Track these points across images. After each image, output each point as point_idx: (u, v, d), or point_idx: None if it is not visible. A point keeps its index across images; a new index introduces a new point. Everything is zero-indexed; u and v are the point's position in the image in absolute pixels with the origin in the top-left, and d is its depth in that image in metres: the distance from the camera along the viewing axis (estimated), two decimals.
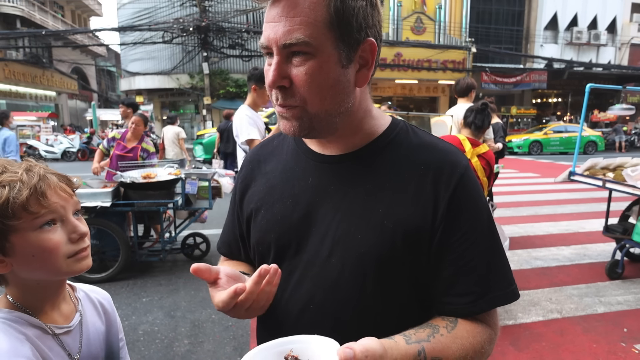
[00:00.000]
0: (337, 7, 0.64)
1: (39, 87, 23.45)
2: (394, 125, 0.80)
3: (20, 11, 21.44)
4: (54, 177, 0.77)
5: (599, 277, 3.89)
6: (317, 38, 0.64)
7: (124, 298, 3.51)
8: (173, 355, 2.70)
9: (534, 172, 11.30)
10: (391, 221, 0.70)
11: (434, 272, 0.72)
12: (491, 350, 0.73)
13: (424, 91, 21.94)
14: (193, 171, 4.23)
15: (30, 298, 0.77)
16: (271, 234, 0.79)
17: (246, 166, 0.91)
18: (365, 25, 0.68)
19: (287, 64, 0.67)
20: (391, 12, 19.62)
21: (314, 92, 0.67)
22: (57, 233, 0.74)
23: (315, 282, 0.74)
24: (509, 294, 0.73)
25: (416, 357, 0.64)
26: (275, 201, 0.80)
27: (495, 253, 0.74)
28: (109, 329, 0.92)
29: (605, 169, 4.38)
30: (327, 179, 0.76)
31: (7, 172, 0.73)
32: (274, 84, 0.67)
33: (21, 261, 0.73)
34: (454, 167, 0.73)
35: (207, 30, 18.12)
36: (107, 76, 41.35)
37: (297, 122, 0.70)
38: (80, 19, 31.85)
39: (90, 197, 3.69)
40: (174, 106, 24.48)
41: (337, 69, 0.67)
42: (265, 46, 0.68)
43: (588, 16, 23.39)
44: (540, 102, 26.13)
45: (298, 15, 0.64)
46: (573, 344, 2.79)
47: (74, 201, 0.79)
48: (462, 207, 0.71)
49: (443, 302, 0.73)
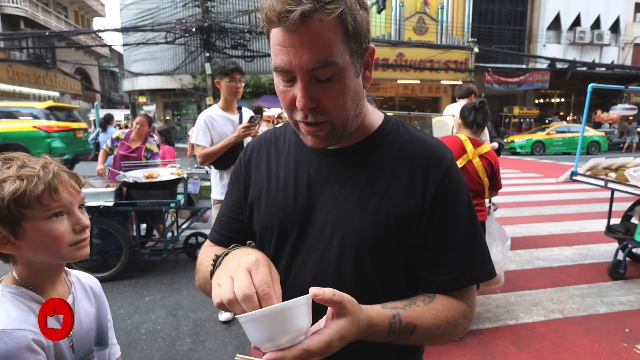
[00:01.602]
0: (351, 25, 0.68)
1: (42, 87, 23.54)
2: (386, 121, 0.86)
3: (24, 12, 21.54)
4: (65, 175, 0.87)
5: (601, 278, 3.89)
6: (340, 56, 0.68)
7: (127, 297, 3.53)
8: (175, 353, 2.72)
9: (536, 173, 11.27)
10: (386, 209, 0.77)
11: (419, 254, 0.80)
12: (467, 325, 0.80)
13: (426, 91, 21.89)
14: (195, 171, 4.25)
15: (34, 277, 0.87)
16: (275, 221, 0.84)
17: (248, 156, 0.95)
18: (367, 33, 0.73)
19: (311, 85, 0.70)
20: (393, 12, 19.59)
21: (340, 106, 0.73)
22: (63, 224, 0.85)
23: (318, 264, 0.80)
24: (485, 273, 0.81)
25: (391, 318, 0.70)
26: (278, 190, 0.86)
27: (475, 237, 0.81)
28: (98, 311, 1.02)
29: (607, 169, 4.37)
30: (327, 171, 0.83)
31: (27, 167, 0.83)
32: (305, 107, 0.70)
33: (30, 245, 0.83)
34: (440, 161, 0.80)
35: (210, 31, 18.15)
36: (110, 77, 41.48)
37: (326, 136, 0.76)
38: (84, 19, 31.97)
39: (93, 196, 3.71)
40: (177, 106, 24.53)
41: (355, 80, 0.74)
42: (286, 70, 0.69)
43: (591, 16, 23.29)
44: (542, 102, 26.03)
45: (321, 41, 0.66)
46: (574, 344, 2.79)
47: (80, 197, 0.90)
48: (446, 196, 0.79)
49: (427, 280, 0.81)
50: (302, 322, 0.61)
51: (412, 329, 0.72)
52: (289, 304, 0.60)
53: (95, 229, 3.90)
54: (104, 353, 1.02)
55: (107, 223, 3.82)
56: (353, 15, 0.68)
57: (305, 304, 0.62)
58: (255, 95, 20.57)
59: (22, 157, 0.85)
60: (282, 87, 0.73)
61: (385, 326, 0.70)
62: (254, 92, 20.52)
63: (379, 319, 0.69)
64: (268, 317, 0.60)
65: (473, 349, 2.72)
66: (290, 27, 0.65)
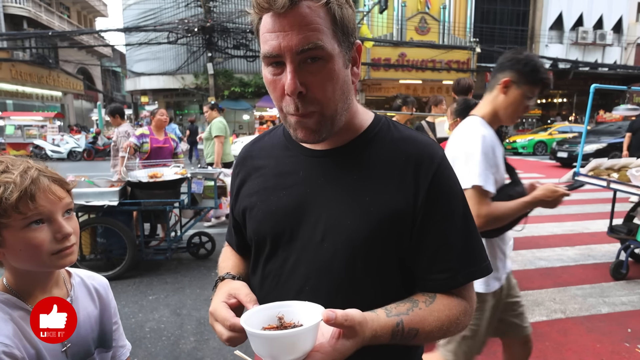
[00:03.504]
0: (338, 14, 0.71)
1: (45, 87, 23.62)
2: (377, 120, 0.87)
3: (27, 12, 21.62)
4: (46, 180, 0.82)
5: (603, 278, 3.89)
6: (328, 42, 0.71)
7: (131, 296, 3.55)
8: (179, 352, 2.74)
9: (538, 173, 11.26)
10: (377, 208, 0.77)
11: (416, 252, 0.80)
12: (467, 321, 0.81)
13: (428, 91, 21.84)
14: (199, 171, 4.27)
15: (21, 283, 0.85)
16: (267, 225, 0.85)
17: (240, 162, 0.96)
18: (353, 29, 0.75)
19: (300, 70, 0.71)
20: (395, 12, 19.58)
21: (330, 95, 0.74)
22: (43, 232, 0.81)
23: (310, 265, 0.80)
24: (482, 269, 0.81)
25: (394, 327, 0.71)
26: (269, 194, 0.86)
27: (470, 233, 0.81)
28: (102, 313, 1.00)
29: (609, 169, 4.36)
30: (318, 172, 0.82)
31: (6, 173, 0.79)
32: (295, 90, 0.70)
33: (11, 253, 0.81)
34: (432, 158, 0.80)
35: (212, 31, 18.18)
36: (113, 76, 41.56)
37: (317, 128, 0.75)
38: (86, 19, 32.05)
39: (98, 196, 3.73)
40: (179, 106, 24.57)
41: (344, 70, 0.75)
42: (275, 55, 0.70)
43: (594, 16, 23.22)
44: (545, 102, 25.98)
45: (309, 24, 0.68)
46: (577, 343, 2.79)
47: (64, 203, 0.85)
48: (440, 194, 0.78)
49: (425, 278, 0.81)
50: (308, 345, 0.63)
51: (414, 334, 0.73)
52: (300, 331, 0.61)
53: (99, 228, 3.93)
54: (107, 355, 1.00)
55: (111, 222, 3.85)
56: (340, 6, 0.71)
57: (313, 330, 0.63)
58: (256, 95, 20.60)
59: (7, 161, 0.82)
60: (271, 77, 0.74)
61: (388, 335, 0.71)
62: (256, 92, 20.55)
63: (382, 330, 0.70)
64: (276, 340, 0.61)
65: None
66: (280, 10, 0.67)
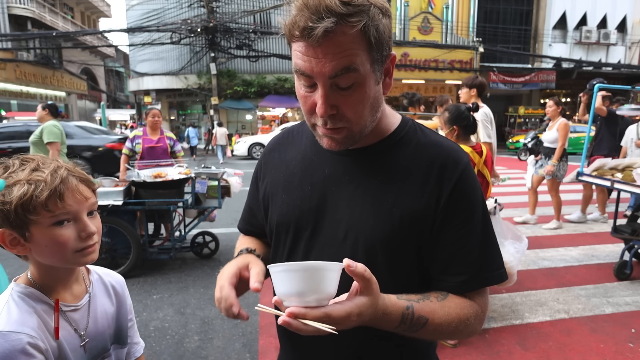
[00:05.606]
0: (374, 36, 0.69)
1: (49, 87, 23.72)
2: (404, 123, 0.87)
3: (31, 13, 21.71)
4: (74, 180, 0.86)
5: (606, 278, 3.88)
6: (361, 65, 0.70)
7: (135, 295, 3.58)
8: (183, 351, 2.76)
9: None
10: (399, 210, 0.79)
11: (433, 254, 0.81)
12: (478, 325, 0.81)
13: (431, 91, 21.81)
14: (203, 170, 4.29)
15: (44, 278, 0.88)
16: (291, 217, 0.87)
17: (268, 153, 0.99)
18: (389, 40, 0.74)
19: (332, 93, 0.72)
20: (398, 12, 19.57)
21: (359, 114, 0.75)
22: (68, 230, 0.84)
23: (332, 261, 0.81)
24: (496, 276, 0.82)
25: (404, 310, 0.73)
26: (295, 187, 0.88)
27: (488, 240, 0.82)
28: (119, 310, 1.02)
29: (613, 169, 4.36)
30: (343, 170, 0.84)
31: (38, 171, 0.83)
32: (325, 114, 0.72)
33: (37, 248, 0.84)
34: (456, 164, 0.81)
35: (215, 31, 18.24)
36: (116, 77, 41.74)
37: (342, 140, 0.78)
38: (90, 20, 32.18)
39: (102, 195, 3.75)
40: (182, 106, 24.64)
41: (374, 88, 0.75)
42: (307, 75, 0.71)
43: (597, 15, 23.11)
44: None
45: (342, 51, 0.67)
46: (580, 344, 2.79)
47: (90, 203, 0.88)
48: (461, 199, 0.80)
49: (439, 279, 0.82)
50: (331, 287, 0.65)
51: (423, 323, 0.74)
52: (325, 264, 0.65)
53: (104, 228, 3.95)
54: (122, 352, 1.03)
55: (116, 222, 3.87)
56: (375, 25, 0.69)
57: (337, 270, 0.66)
58: (259, 95, 20.64)
59: (39, 159, 0.85)
60: (303, 92, 0.75)
61: (398, 316, 0.72)
62: (259, 92, 20.57)
63: (393, 308, 0.72)
64: (304, 272, 0.63)
65: (478, 348, 2.73)
66: (313, 44, 0.66)
